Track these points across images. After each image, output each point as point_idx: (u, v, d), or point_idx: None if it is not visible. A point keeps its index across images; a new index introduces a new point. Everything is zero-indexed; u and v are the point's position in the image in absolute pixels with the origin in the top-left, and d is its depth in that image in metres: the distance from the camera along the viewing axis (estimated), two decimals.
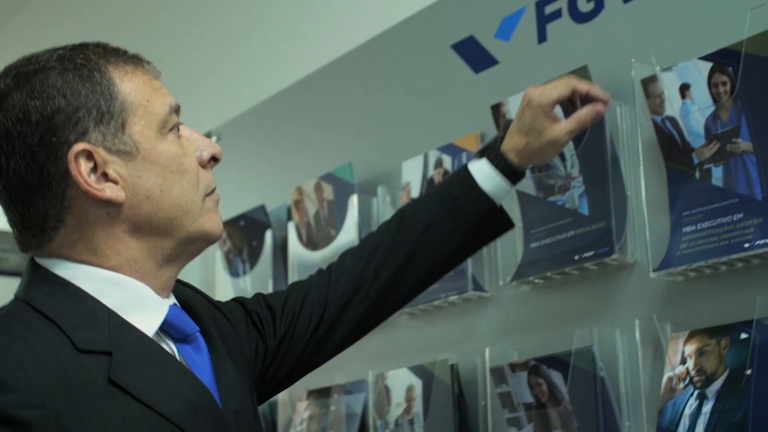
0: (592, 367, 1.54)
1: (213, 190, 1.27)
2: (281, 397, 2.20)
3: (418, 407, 1.82)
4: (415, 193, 1.96)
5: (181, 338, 1.23)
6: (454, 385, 1.77)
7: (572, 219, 1.64)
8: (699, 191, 1.47)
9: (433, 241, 1.49)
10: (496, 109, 1.78)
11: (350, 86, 2.26)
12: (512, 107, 1.75)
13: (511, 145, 1.51)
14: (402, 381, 1.87)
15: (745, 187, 1.41)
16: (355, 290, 1.48)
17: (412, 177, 1.98)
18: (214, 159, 1.28)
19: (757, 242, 1.37)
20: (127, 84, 1.20)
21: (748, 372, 1.36)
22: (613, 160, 1.60)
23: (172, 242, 1.22)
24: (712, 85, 1.46)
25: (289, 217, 2.27)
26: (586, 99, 1.52)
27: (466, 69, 1.93)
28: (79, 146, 1.15)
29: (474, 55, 1.92)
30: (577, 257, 1.61)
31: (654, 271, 1.49)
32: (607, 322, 1.59)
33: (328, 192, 2.16)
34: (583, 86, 1.51)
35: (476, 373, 1.77)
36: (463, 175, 1.51)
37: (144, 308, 1.19)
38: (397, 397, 1.87)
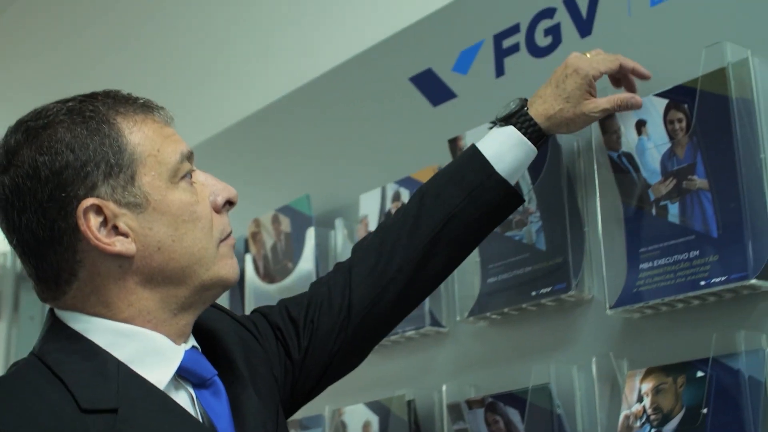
0: (549, 404, 1.53)
1: (228, 235, 1.25)
2: None
3: None
4: (372, 226, 1.94)
5: (199, 383, 1.21)
6: (411, 422, 1.75)
7: (529, 254, 1.63)
8: (655, 228, 1.46)
9: (454, 233, 1.44)
10: (454, 143, 1.77)
11: (308, 118, 2.24)
12: (470, 141, 1.74)
13: (542, 109, 1.48)
14: (359, 417, 1.85)
15: (701, 224, 1.41)
16: (378, 294, 1.42)
17: (370, 210, 1.97)
18: (230, 203, 1.26)
19: (713, 280, 1.37)
20: (136, 134, 1.19)
21: (704, 411, 1.35)
22: (569, 196, 1.59)
23: (186, 291, 1.20)
24: (668, 122, 1.46)
25: (247, 250, 2.25)
26: (626, 81, 1.52)
27: (424, 102, 1.93)
28: (88, 201, 1.15)
29: (432, 88, 1.91)
30: (534, 293, 1.60)
31: (611, 308, 1.48)
32: (564, 359, 1.57)
33: (286, 224, 2.14)
34: (629, 63, 1.51)
35: (433, 409, 1.75)
36: (478, 161, 1.46)
37: (158, 357, 1.18)
38: None
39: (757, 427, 1.29)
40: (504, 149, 1.47)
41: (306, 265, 2.05)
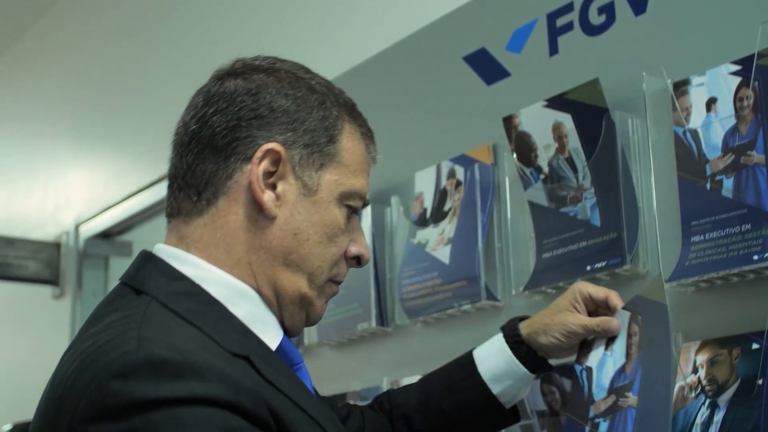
0: None
1: (339, 282, 1.28)
2: None
3: None
4: (428, 203, 1.98)
5: (289, 364, 1.22)
6: None
7: (584, 230, 1.66)
8: (709, 202, 1.49)
9: (429, 416, 1.51)
10: (508, 121, 1.80)
11: (363, 98, 2.26)
12: (524, 119, 1.77)
13: (528, 320, 1.52)
14: None
15: (754, 198, 1.43)
16: None
17: (425, 187, 2.00)
18: (358, 261, 1.29)
19: (766, 254, 1.39)
20: (350, 143, 1.25)
21: (760, 382, 1.37)
22: (624, 171, 1.62)
23: (285, 284, 1.20)
24: (737, 99, 1.48)
25: None
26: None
27: (478, 81, 1.96)
28: (277, 147, 1.18)
29: (486, 67, 1.94)
30: (589, 267, 1.63)
31: (666, 281, 1.51)
32: None
33: None
34: (615, 301, 1.48)
35: None
36: (465, 360, 1.54)
37: (265, 326, 1.19)
38: None
39: None
40: (486, 353, 1.52)
41: None
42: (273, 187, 1.19)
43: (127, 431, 0.96)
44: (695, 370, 1.46)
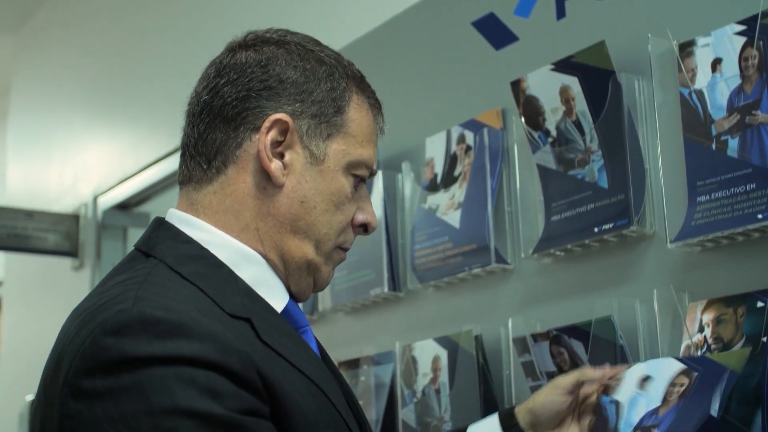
0: (612, 336, 1.58)
1: (346, 249, 1.29)
2: None
3: (444, 377, 1.87)
4: (439, 168, 2.00)
5: (295, 328, 1.24)
6: (478, 355, 1.82)
7: (592, 192, 1.68)
8: (714, 162, 1.50)
9: None
10: (516, 85, 1.81)
11: (372, 64, 2.28)
12: (531, 83, 1.78)
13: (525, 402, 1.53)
14: (428, 352, 1.92)
15: (758, 158, 1.44)
16: None
17: (436, 153, 2.02)
18: (365, 228, 1.30)
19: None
20: (357, 113, 1.27)
21: (765, 339, 1.39)
22: (630, 133, 1.63)
23: (291, 248, 1.23)
24: (742, 58, 1.48)
25: None
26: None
27: (486, 46, 1.96)
28: (285, 117, 1.21)
29: (494, 31, 1.95)
30: (596, 230, 1.65)
31: (671, 242, 1.52)
32: (626, 293, 1.62)
33: None
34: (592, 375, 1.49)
35: (500, 343, 1.82)
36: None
37: (271, 290, 1.22)
38: (424, 368, 1.92)
39: None
40: (479, 428, 1.53)
41: (375, 208, 2.11)
42: (281, 156, 1.22)
43: (116, 388, 1.00)
44: (701, 329, 1.48)
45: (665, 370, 1.44)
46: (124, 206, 3.80)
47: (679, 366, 1.42)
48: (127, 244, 3.84)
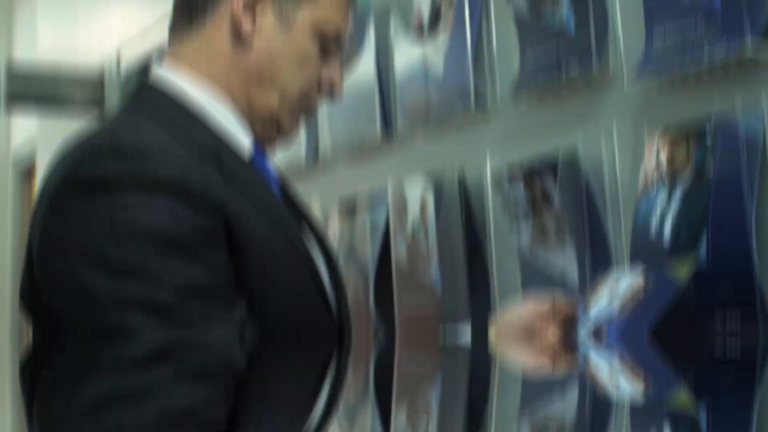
0: (577, 168, 1.70)
1: (310, 107, 1.39)
2: (316, 213, 2.41)
3: (430, 214, 2.01)
4: (425, 18, 2.08)
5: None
6: (461, 195, 1.95)
7: (562, 39, 1.76)
8: (668, 2, 1.57)
9: None
10: None
11: None
12: None
13: None
14: (416, 192, 2.05)
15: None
16: None
17: (423, 2, 2.11)
18: (331, 91, 1.38)
19: (722, 47, 1.49)
20: None
21: (710, 167, 1.50)
22: None
23: (259, 101, 1.34)
24: None
25: None
26: None
27: None
28: None
29: None
30: (564, 77, 1.75)
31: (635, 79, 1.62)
32: (591, 130, 1.73)
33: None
34: None
35: (481, 183, 1.94)
36: None
37: (238, 132, 1.33)
38: (413, 207, 2.05)
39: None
40: None
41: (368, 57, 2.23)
42: (253, 16, 1.32)
43: (90, 212, 1.18)
44: (657, 160, 1.59)
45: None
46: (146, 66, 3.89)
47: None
48: None
